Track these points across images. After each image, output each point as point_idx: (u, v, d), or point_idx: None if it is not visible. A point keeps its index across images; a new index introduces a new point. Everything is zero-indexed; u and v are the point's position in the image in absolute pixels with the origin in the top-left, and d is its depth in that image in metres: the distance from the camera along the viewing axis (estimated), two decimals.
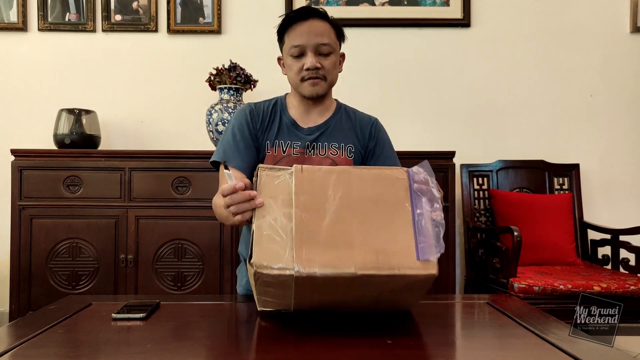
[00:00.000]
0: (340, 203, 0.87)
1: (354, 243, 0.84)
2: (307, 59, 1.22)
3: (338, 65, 1.30)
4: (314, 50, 1.23)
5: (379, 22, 2.59)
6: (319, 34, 1.22)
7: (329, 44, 1.23)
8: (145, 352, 0.78)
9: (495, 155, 2.54)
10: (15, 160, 2.14)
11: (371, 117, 1.40)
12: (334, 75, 1.29)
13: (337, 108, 1.37)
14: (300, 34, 1.23)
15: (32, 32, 2.58)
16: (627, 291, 1.84)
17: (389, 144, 1.38)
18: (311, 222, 0.85)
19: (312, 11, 1.25)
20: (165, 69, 2.59)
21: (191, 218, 2.10)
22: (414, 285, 0.85)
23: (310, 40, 1.22)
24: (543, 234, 2.26)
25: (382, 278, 0.82)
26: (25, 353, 0.78)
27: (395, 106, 2.61)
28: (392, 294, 0.88)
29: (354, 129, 1.34)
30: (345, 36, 1.33)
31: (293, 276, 0.80)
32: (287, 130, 1.30)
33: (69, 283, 2.11)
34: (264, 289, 0.87)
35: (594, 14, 2.60)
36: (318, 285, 0.82)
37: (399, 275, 0.82)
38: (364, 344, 0.81)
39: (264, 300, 0.91)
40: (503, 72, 2.61)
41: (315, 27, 1.23)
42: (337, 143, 1.30)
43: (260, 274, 0.82)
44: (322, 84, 1.26)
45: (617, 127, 2.61)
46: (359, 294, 0.86)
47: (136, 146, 2.55)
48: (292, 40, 1.24)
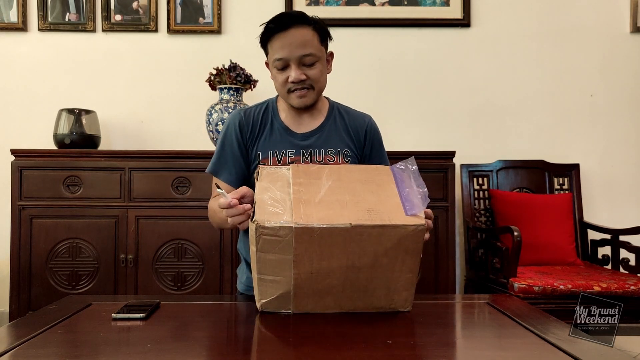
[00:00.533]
0: (333, 184, 0.97)
1: (347, 205, 0.92)
2: (292, 72, 1.19)
3: (326, 69, 1.26)
4: (297, 63, 1.19)
5: (379, 22, 2.59)
6: (301, 45, 1.18)
7: (312, 53, 1.19)
8: (145, 352, 0.78)
9: (495, 155, 2.54)
10: (15, 160, 2.14)
11: (364, 116, 1.37)
12: (322, 82, 1.25)
13: (330, 109, 1.33)
14: (282, 47, 1.18)
15: (32, 32, 2.58)
16: (627, 291, 1.84)
17: (381, 143, 1.37)
18: (307, 193, 0.93)
19: (291, 19, 1.19)
20: (165, 69, 2.59)
21: (191, 218, 2.10)
22: (406, 241, 0.89)
23: (292, 52, 1.18)
24: (543, 234, 2.26)
25: (375, 229, 0.87)
26: (25, 353, 0.78)
27: (395, 106, 2.61)
28: (388, 259, 0.90)
29: (348, 131, 1.32)
30: (331, 36, 1.27)
31: (293, 228, 0.85)
32: (279, 136, 1.27)
33: (69, 283, 2.11)
34: (264, 259, 0.89)
35: (594, 14, 2.60)
36: (316, 243, 0.87)
37: (390, 225, 0.88)
38: (363, 344, 0.81)
39: (264, 289, 0.92)
40: (503, 72, 2.61)
41: (297, 37, 1.17)
42: (333, 149, 1.28)
43: (262, 228, 0.86)
44: (310, 94, 1.23)
45: (617, 127, 2.61)
46: (355, 258, 0.89)
47: (136, 146, 2.55)
48: (275, 52, 1.20)
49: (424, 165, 2.14)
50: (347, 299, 0.94)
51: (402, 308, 0.98)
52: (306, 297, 0.92)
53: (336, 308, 0.95)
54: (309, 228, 0.86)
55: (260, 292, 0.94)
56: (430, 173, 2.14)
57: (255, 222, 0.86)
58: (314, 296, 0.93)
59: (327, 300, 0.94)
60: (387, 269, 0.92)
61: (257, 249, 0.88)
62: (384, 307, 0.96)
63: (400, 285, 0.95)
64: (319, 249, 0.88)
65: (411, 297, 0.97)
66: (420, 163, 1.14)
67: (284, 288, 0.91)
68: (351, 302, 0.95)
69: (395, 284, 0.94)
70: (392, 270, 0.92)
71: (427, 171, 2.15)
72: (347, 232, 0.86)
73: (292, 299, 0.93)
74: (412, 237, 0.89)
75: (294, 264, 0.88)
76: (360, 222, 0.87)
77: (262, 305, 0.95)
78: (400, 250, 0.90)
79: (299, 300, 0.93)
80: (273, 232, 0.86)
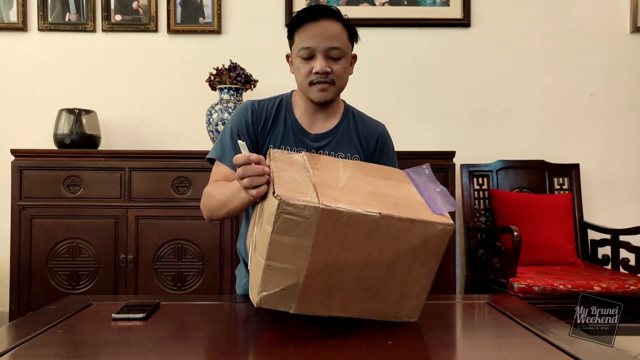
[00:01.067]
0: (352, 174, 0.92)
1: (372, 196, 0.86)
2: (317, 63, 1.17)
3: (348, 68, 1.25)
4: (324, 54, 1.17)
5: (379, 22, 2.59)
6: (330, 37, 1.16)
7: (340, 47, 1.18)
8: (145, 352, 0.78)
9: (495, 155, 2.54)
10: (15, 160, 2.14)
11: (378, 125, 1.35)
12: (344, 79, 1.23)
13: (345, 112, 1.32)
14: (310, 36, 1.17)
15: (32, 32, 2.58)
16: (627, 291, 1.84)
17: (393, 155, 1.34)
18: (328, 179, 0.87)
19: (325, 11, 1.18)
20: (165, 69, 2.59)
21: (191, 218, 2.10)
22: (432, 240, 0.84)
23: (320, 43, 1.16)
24: (543, 234, 2.26)
25: (404, 223, 0.81)
26: (25, 353, 0.78)
27: (395, 106, 2.61)
28: (408, 259, 0.84)
29: (359, 137, 1.30)
30: (358, 39, 1.27)
31: (319, 209, 0.77)
32: (292, 134, 1.25)
33: (69, 283, 2.11)
34: (278, 242, 0.79)
35: (594, 14, 2.60)
36: (339, 230, 0.79)
37: (420, 221, 0.82)
38: (364, 345, 0.81)
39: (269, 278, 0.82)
40: (503, 72, 2.61)
41: (327, 29, 1.17)
42: (342, 153, 1.26)
43: (285, 205, 0.76)
44: (331, 89, 1.21)
45: (617, 127, 2.61)
46: (375, 254, 0.82)
47: (136, 146, 2.55)
48: (302, 41, 1.18)
49: None
50: (354, 301, 0.86)
51: (408, 318, 0.91)
52: (314, 293, 0.83)
53: (340, 311, 0.87)
54: (336, 211, 0.78)
55: (264, 282, 0.82)
56: None
57: (279, 198, 0.77)
58: (322, 293, 0.84)
59: (334, 300, 0.85)
60: (405, 272, 0.86)
61: (274, 229, 0.78)
62: (390, 315, 0.90)
63: (413, 292, 0.89)
64: (341, 238, 0.80)
65: (420, 307, 0.91)
66: (420, 163, 1.13)
67: (292, 279, 0.81)
68: (358, 305, 0.87)
69: (409, 290, 0.88)
70: (409, 274, 0.87)
71: None
72: (374, 222, 0.80)
73: (298, 293, 0.82)
74: (438, 237, 0.84)
75: (311, 251, 0.79)
76: (389, 213, 0.81)
77: (261, 298, 0.83)
78: (423, 251, 0.85)
79: (304, 296, 0.83)
80: (297, 212, 0.77)
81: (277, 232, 0.79)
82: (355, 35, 1.26)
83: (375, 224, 0.80)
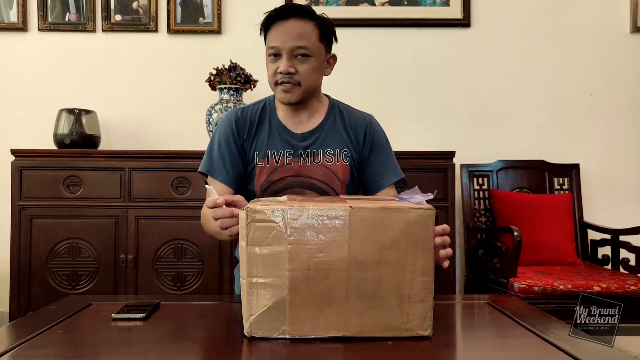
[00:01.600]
0: (327, 198, 0.97)
1: (345, 200, 0.87)
2: (281, 63, 1.15)
3: (321, 69, 1.21)
4: (289, 54, 1.15)
5: (379, 22, 2.59)
6: (297, 36, 1.14)
7: (306, 47, 1.15)
8: (145, 352, 0.78)
9: (495, 155, 2.54)
10: (15, 160, 2.14)
11: (365, 116, 1.32)
12: (311, 80, 1.19)
13: (330, 108, 1.30)
14: (277, 35, 1.16)
15: (32, 32, 2.58)
16: (627, 291, 1.84)
17: (385, 144, 1.31)
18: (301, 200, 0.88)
19: (294, 10, 1.16)
20: (165, 69, 2.59)
21: (191, 218, 2.10)
22: (414, 228, 0.81)
23: (286, 42, 1.14)
24: (543, 234, 2.26)
25: (378, 213, 0.81)
26: (25, 353, 0.78)
27: (395, 106, 2.61)
28: (396, 252, 0.81)
29: (347, 131, 1.28)
30: (336, 38, 1.24)
31: (287, 210, 0.80)
32: (278, 136, 1.24)
33: (69, 283, 2.11)
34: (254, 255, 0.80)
35: (594, 14, 2.60)
36: (312, 229, 0.80)
37: (393, 208, 0.81)
38: (364, 345, 0.81)
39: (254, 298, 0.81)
40: (503, 72, 2.61)
41: (295, 29, 1.15)
42: (331, 149, 1.25)
43: (253, 213, 0.80)
44: (296, 90, 1.18)
45: (617, 127, 2.61)
46: (357, 249, 0.81)
47: (136, 146, 2.55)
48: (270, 40, 1.18)
49: (424, 165, 2.15)
50: (353, 311, 0.81)
51: (420, 330, 0.83)
52: (304, 306, 0.81)
53: (340, 328, 0.81)
54: (305, 209, 0.80)
55: (249, 303, 0.81)
56: (430, 173, 2.14)
57: (246, 208, 0.80)
58: (313, 306, 0.81)
59: (329, 314, 0.81)
60: (397, 268, 0.81)
61: (247, 241, 0.80)
62: (399, 329, 0.82)
63: (414, 293, 0.82)
64: (316, 235, 0.80)
65: (429, 314, 0.83)
66: (420, 163, 1.14)
67: (277, 294, 0.80)
68: (358, 318, 0.81)
69: (409, 290, 0.82)
70: (403, 272, 0.82)
71: (427, 171, 2.15)
72: (346, 216, 0.80)
73: (286, 310, 0.80)
74: (419, 224, 0.81)
75: (288, 257, 0.79)
76: (361, 205, 0.81)
77: (251, 324, 0.82)
78: (409, 241, 0.81)
79: (295, 313, 0.81)
80: (265, 217, 0.80)
81: (251, 243, 0.80)
82: (330, 34, 1.22)
83: (348, 217, 0.80)
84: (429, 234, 0.82)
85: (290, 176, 1.23)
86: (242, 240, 0.81)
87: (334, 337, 0.82)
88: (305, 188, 1.24)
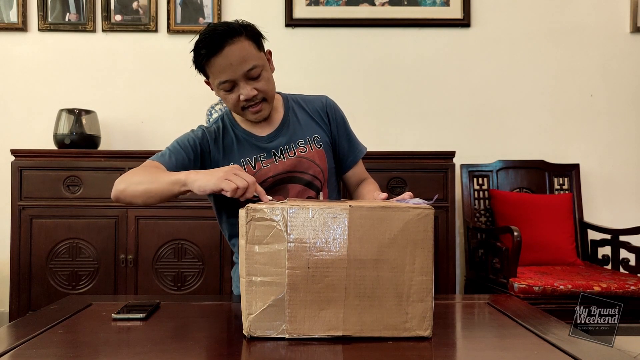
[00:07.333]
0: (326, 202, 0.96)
1: (343, 202, 0.89)
2: (242, 91, 1.14)
3: (270, 73, 1.21)
4: (244, 79, 1.14)
5: (379, 22, 2.59)
6: (242, 61, 1.11)
7: (255, 65, 1.13)
8: (145, 352, 0.78)
9: (495, 155, 2.54)
10: (15, 160, 2.14)
11: (321, 98, 1.35)
12: (271, 88, 1.20)
13: (285, 102, 1.31)
14: (223, 69, 1.12)
15: (32, 32, 2.58)
16: (627, 291, 1.84)
17: (345, 119, 1.35)
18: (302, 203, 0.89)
19: (222, 38, 1.10)
20: (165, 69, 2.59)
21: (191, 218, 2.10)
22: (413, 227, 0.82)
23: (236, 71, 1.12)
24: (543, 234, 2.26)
25: (377, 212, 0.82)
26: (25, 353, 0.78)
27: (395, 106, 2.61)
28: (394, 251, 0.82)
29: (311, 117, 1.30)
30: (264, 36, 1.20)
31: (287, 209, 0.81)
32: (247, 144, 1.24)
33: (69, 283, 2.11)
34: (254, 253, 0.82)
35: (594, 14, 2.60)
36: (312, 228, 0.81)
37: (392, 207, 0.83)
38: (364, 345, 0.81)
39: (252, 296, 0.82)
40: (503, 72, 2.61)
41: (235, 54, 1.10)
42: (302, 139, 1.26)
43: (254, 211, 0.82)
44: (265, 106, 1.19)
45: (617, 127, 2.61)
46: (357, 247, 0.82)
47: (136, 146, 2.55)
48: (217, 76, 1.14)
49: (424, 165, 2.15)
50: (352, 310, 0.82)
51: (419, 330, 0.83)
52: (303, 305, 0.81)
53: (340, 327, 0.82)
54: (304, 208, 0.82)
55: (249, 302, 0.82)
56: (430, 173, 2.14)
57: (247, 207, 0.82)
58: (312, 304, 0.81)
59: (329, 312, 0.82)
60: (396, 267, 0.82)
61: (247, 239, 0.82)
62: (398, 328, 0.83)
63: (413, 292, 0.82)
64: (315, 234, 0.81)
65: (429, 315, 0.83)
66: (420, 163, 1.14)
67: (276, 292, 0.81)
68: (357, 316, 0.82)
69: (408, 289, 0.82)
70: (402, 271, 0.82)
71: (427, 171, 2.15)
72: (346, 215, 0.81)
73: (285, 309, 0.81)
74: (418, 223, 0.82)
75: (288, 256, 0.80)
76: (360, 205, 0.83)
77: (250, 323, 0.82)
78: (408, 240, 0.82)
79: (294, 312, 0.81)
80: (265, 216, 0.81)
81: (251, 242, 0.82)
82: (258, 35, 1.19)
83: (348, 216, 0.81)
84: (428, 234, 0.83)
85: (271, 177, 1.23)
86: (241, 238, 0.83)
87: (334, 337, 0.82)
88: (287, 183, 1.25)
